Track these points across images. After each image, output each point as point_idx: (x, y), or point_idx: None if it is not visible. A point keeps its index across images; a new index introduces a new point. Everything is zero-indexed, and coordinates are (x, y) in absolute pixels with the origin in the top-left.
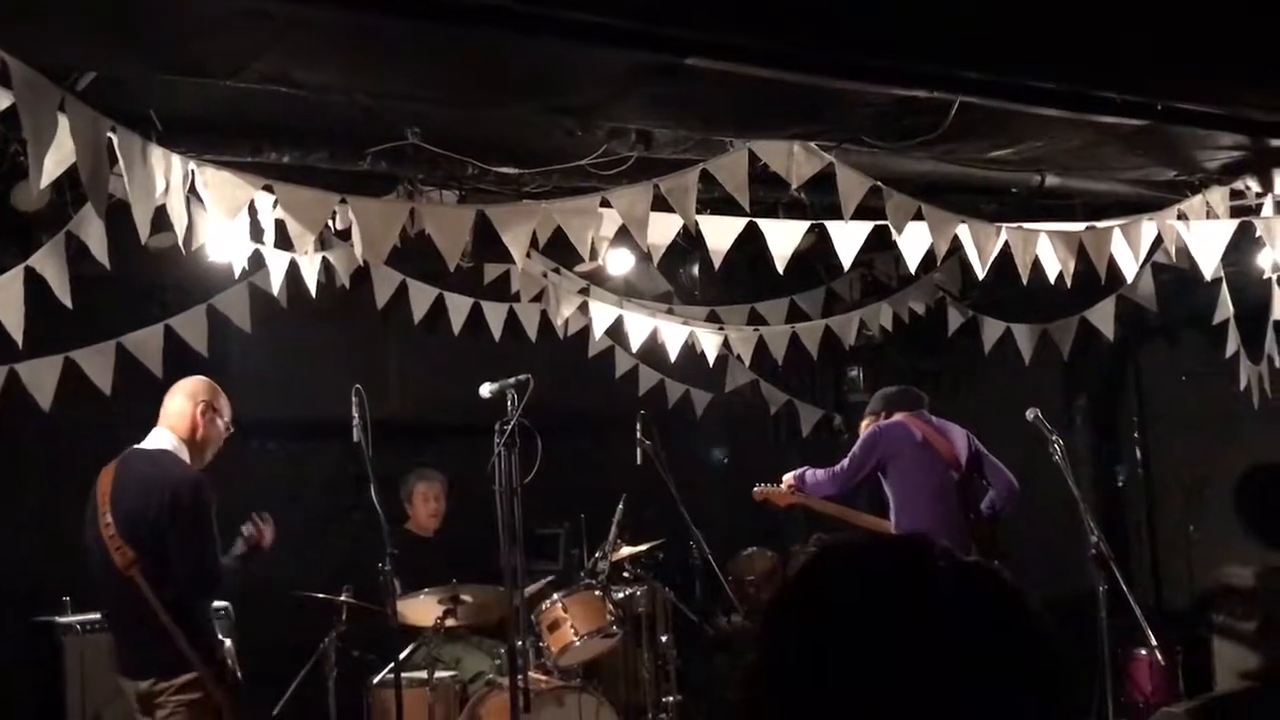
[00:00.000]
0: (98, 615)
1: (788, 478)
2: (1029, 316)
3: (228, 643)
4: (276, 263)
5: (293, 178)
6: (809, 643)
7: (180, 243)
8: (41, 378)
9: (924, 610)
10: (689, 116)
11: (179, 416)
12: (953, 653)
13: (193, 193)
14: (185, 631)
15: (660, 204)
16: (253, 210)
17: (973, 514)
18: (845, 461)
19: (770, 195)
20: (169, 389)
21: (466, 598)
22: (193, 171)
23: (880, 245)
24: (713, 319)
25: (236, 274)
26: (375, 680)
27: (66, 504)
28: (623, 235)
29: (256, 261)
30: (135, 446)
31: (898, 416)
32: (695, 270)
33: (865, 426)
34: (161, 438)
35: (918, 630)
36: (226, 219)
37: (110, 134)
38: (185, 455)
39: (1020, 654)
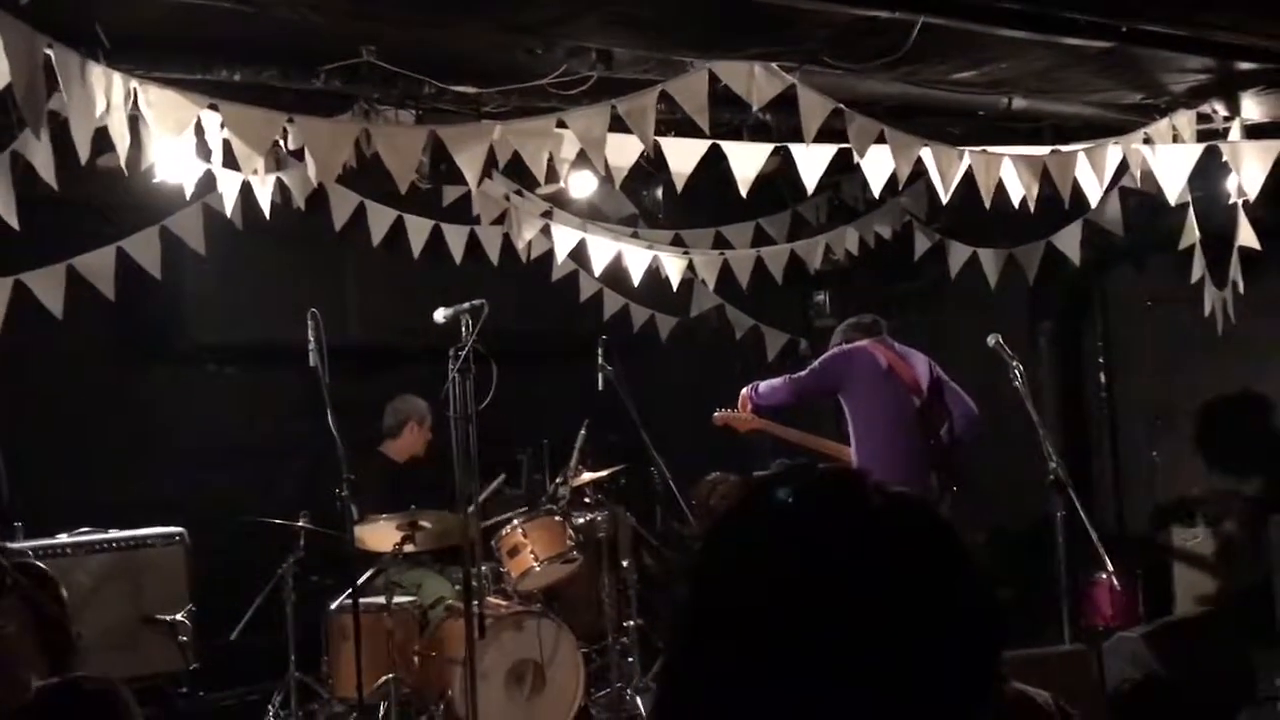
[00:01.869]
0: (52, 540)
1: (744, 391)
2: (996, 241)
3: None
4: (229, 183)
5: (244, 97)
6: (738, 578)
7: (123, 163)
8: None
9: (854, 544)
10: (648, 35)
11: None
12: (880, 588)
13: (138, 111)
14: None
15: (622, 125)
16: (201, 130)
17: (933, 441)
18: (804, 372)
19: (735, 117)
20: None
21: (425, 523)
22: (135, 90)
23: (847, 168)
24: (677, 242)
25: (188, 195)
26: (334, 605)
27: (19, 430)
28: (585, 158)
29: (211, 182)
30: None
31: (862, 343)
32: (659, 193)
33: None
34: None
35: (846, 564)
36: (171, 138)
37: (48, 51)
38: None
39: (946, 591)
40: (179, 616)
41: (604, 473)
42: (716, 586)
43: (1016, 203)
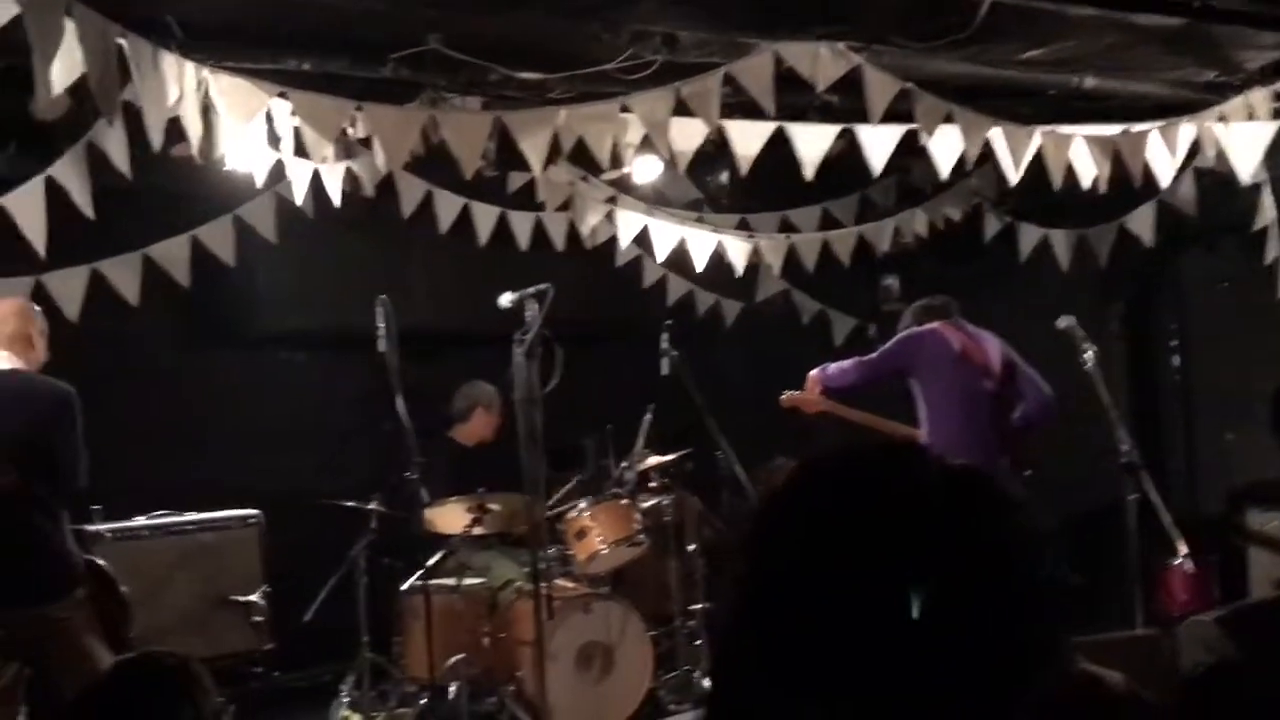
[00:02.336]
0: (129, 523)
1: (813, 374)
2: (1066, 223)
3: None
4: (299, 172)
5: (313, 86)
6: (791, 551)
7: (195, 151)
8: (68, 288)
9: (909, 514)
10: (711, 17)
11: (17, 339)
12: (936, 558)
13: (209, 101)
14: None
15: (686, 109)
16: (271, 119)
17: (1004, 424)
18: (874, 354)
19: (800, 99)
20: None
21: (494, 506)
22: (206, 79)
23: (916, 150)
24: (742, 226)
25: (259, 183)
26: (405, 587)
27: (94, 414)
28: (649, 142)
29: (281, 171)
30: None
31: (934, 325)
32: (724, 177)
33: None
34: (1, 359)
35: (902, 535)
36: (241, 127)
37: (120, 40)
38: None
39: (1003, 563)
40: (254, 598)
41: (670, 457)
42: (770, 560)
43: (1087, 183)
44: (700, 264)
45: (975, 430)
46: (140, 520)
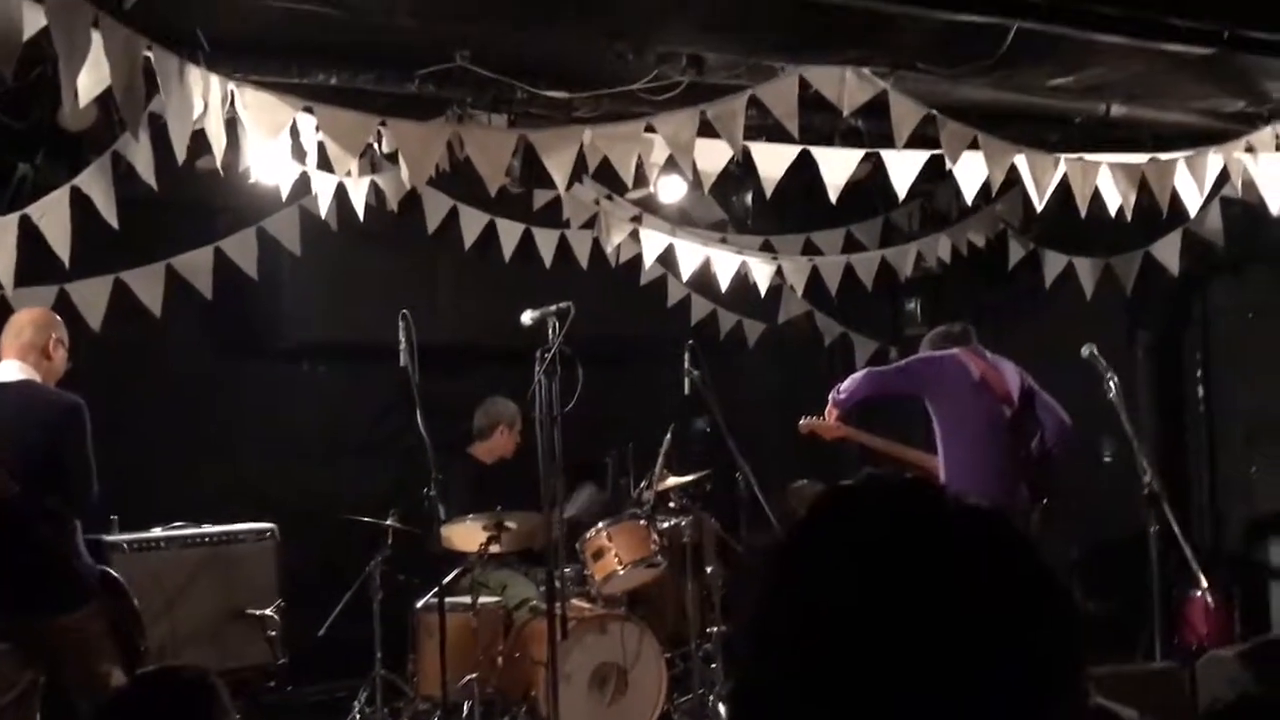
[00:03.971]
0: (146, 534)
1: (831, 396)
2: (1092, 250)
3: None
4: (324, 186)
5: (340, 101)
6: (807, 588)
7: (219, 164)
8: (92, 298)
9: (925, 555)
10: (738, 40)
11: (31, 349)
12: (951, 599)
13: (234, 114)
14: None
15: (711, 130)
16: (297, 133)
17: (1023, 453)
18: (889, 367)
19: (826, 123)
20: (9, 321)
21: (511, 524)
22: (232, 92)
23: (940, 175)
24: (766, 248)
25: (284, 196)
26: (420, 604)
27: (115, 424)
28: (674, 162)
29: (306, 184)
30: None
31: (953, 351)
32: (749, 199)
33: None
34: (14, 369)
35: (917, 575)
36: (266, 140)
37: (147, 53)
38: None
39: (1018, 604)
40: (269, 611)
41: (689, 478)
42: (786, 596)
43: (1113, 211)
44: (724, 284)
45: (993, 458)
46: (157, 531)
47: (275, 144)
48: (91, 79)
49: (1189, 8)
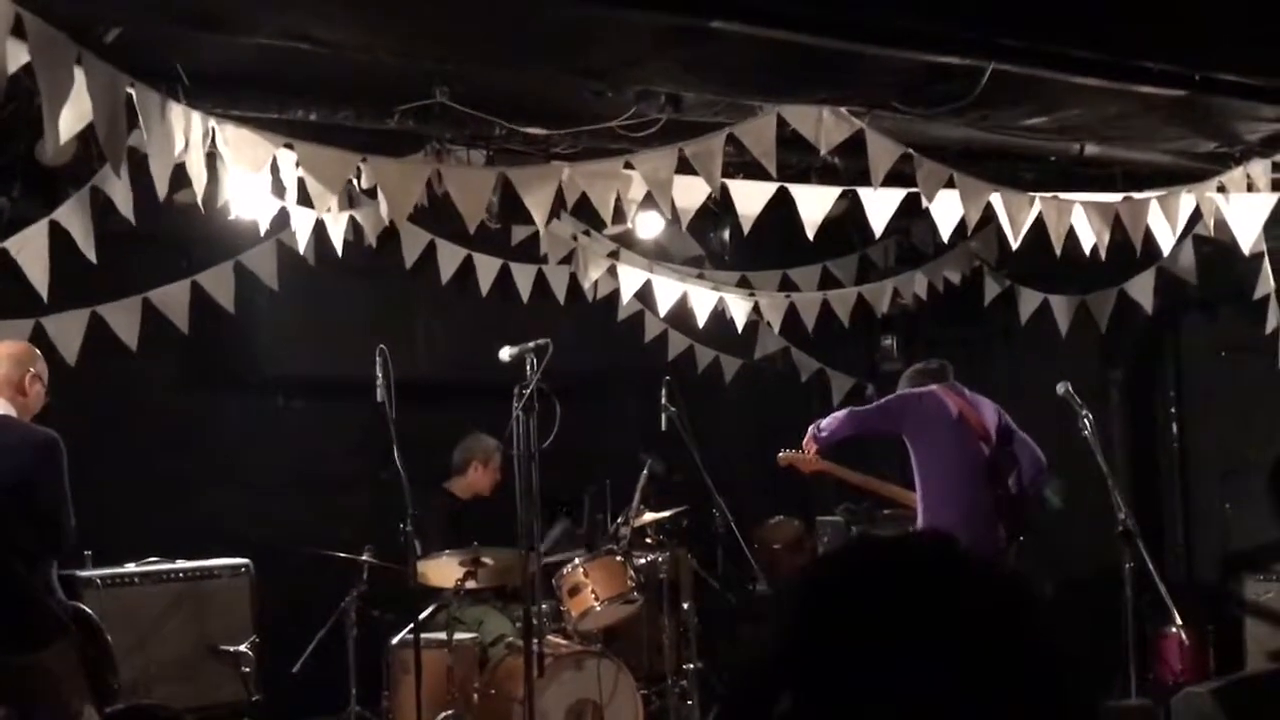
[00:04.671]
0: (120, 570)
1: (809, 431)
2: (1067, 288)
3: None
4: (303, 221)
5: (320, 137)
6: (837, 621)
7: (199, 200)
8: (67, 332)
9: (947, 611)
10: (716, 80)
11: (7, 383)
12: (963, 658)
13: (215, 149)
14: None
15: (689, 167)
16: (277, 169)
17: (1000, 490)
18: (869, 406)
19: (803, 160)
20: None
21: (487, 560)
22: (213, 128)
23: (917, 212)
24: (743, 284)
25: (262, 231)
26: (395, 640)
27: (90, 459)
28: (652, 199)
29: (285, 219)
30: None
31: (932, 388)
32: (726, 235)
33: None
34: None
35: (936, 629)
36: (247, 176)
37: (129, 89)
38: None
39: (1027, 672)
40: (243, 648)
41: (666, 513)
42: (816, 624)
43: (1088, 250)
44: (701, 320)
45: (971, 495)
46: (131, 567)
47: (255, 179)
48: (73, 115)
49: (1161, 52)
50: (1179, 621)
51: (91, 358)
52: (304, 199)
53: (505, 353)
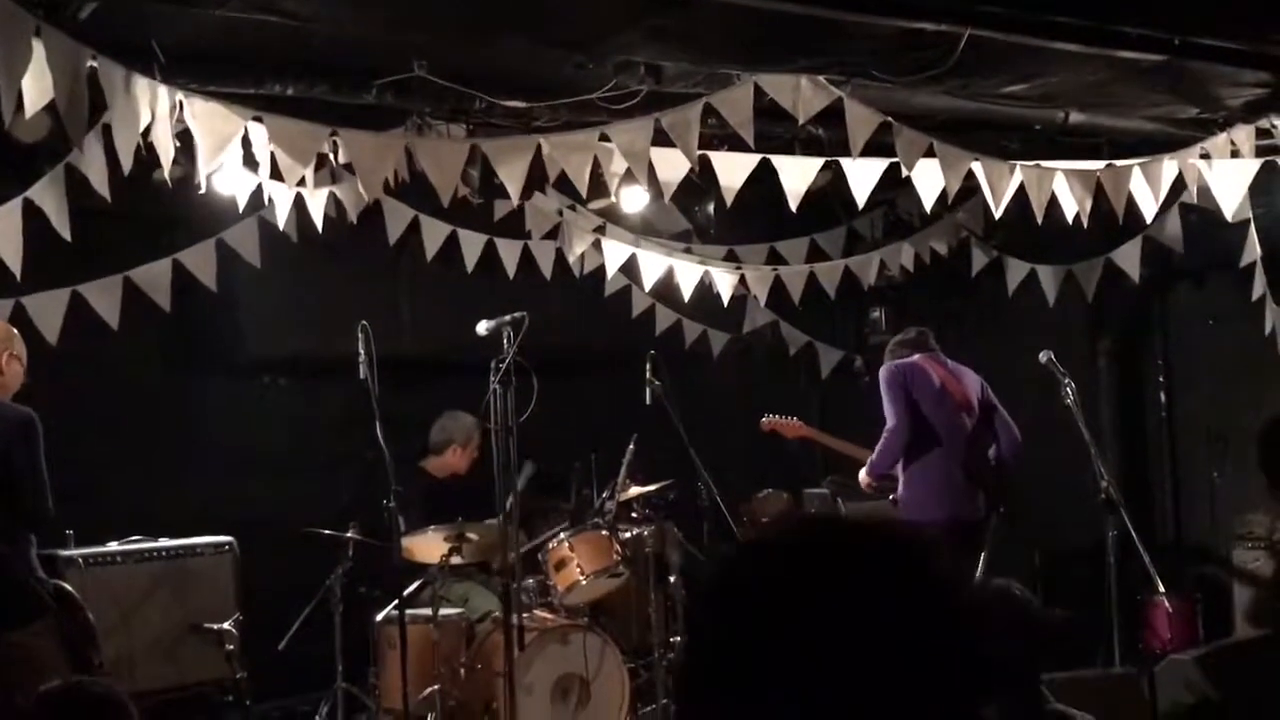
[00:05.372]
0: (103, 548)
1: (863, 479)
2: (1054, 258)
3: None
4: (283, 197)
5: (297, 111)
6: (734, 629)
7: (167, 175)
8: (48, 311)
9: (843, 603)
10: (693, 50)
11: None
12: (868, 649)
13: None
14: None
15: (670, 139)
16: (249, 143)
17: (981, 461)
18: (888, 415)
19: (786, 131)
20: None
21: (472, 536)
22: (180, 102)
23: (902, 183)
24: (730, 258)
25: (240, 208)
26: (380, 616)
27: (72, 438)
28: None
29: (262, 195)
30: None
31: (914, 358)
32: (711, 209)
33: None
34: None
35: (844, 610)
36: (216, 151)
37: (92, 63)
38: None
39: (925, 638)
40: (227, 626)
41: (652, 487)
42: (718, 636)
43: (1070, 217)
44: (687, 294)
45: (952, 465)
46: (113, 545)
47: (226, 154)
48: (38, 89)
49: (1140, 16)
50: (1163, 589)
51: (73, 337)
52: (277, 174)
53: (482, 326)
